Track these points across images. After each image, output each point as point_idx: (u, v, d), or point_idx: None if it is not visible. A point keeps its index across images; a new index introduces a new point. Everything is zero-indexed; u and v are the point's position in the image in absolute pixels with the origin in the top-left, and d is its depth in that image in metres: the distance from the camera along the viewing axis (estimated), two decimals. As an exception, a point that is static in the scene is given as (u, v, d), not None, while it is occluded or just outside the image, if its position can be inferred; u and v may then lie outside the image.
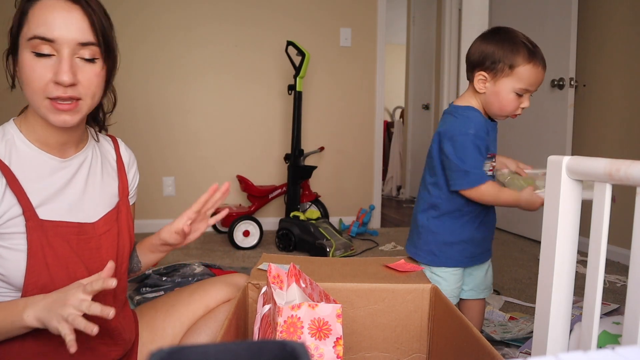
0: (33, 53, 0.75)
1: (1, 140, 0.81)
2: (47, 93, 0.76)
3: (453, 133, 1.21)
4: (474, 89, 1.25)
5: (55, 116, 0.78)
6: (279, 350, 0.28)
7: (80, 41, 0.77)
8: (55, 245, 0.81)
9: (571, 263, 0.70)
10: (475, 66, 1.23)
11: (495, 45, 1.19)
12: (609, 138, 2.59)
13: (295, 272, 0.85)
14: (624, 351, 0.31)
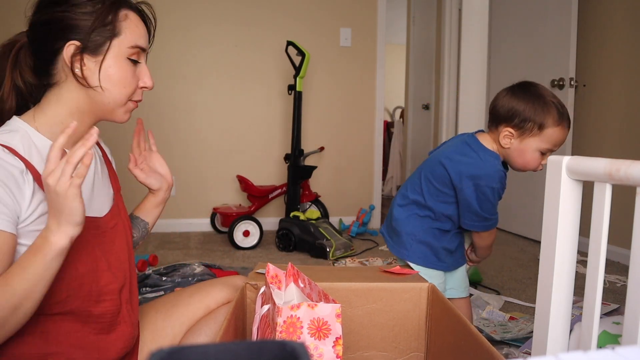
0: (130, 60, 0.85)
1: (14, 136, 0.79)
2: (134, 96, 0.88)
3: (479, 181, 1.23)
4: (495, 139, 1.27)
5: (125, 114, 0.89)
6: (279, 350, 0.28)
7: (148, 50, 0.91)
8: (80, 240, 0.81)
9: (571, 263, 0.70)
10: (503, 121, 1.23)
11: (526, 104, 1.20)
12: (609, 138, 2.59)
13: (293, 272, 0.85)
14: (624, 351, 0.31)
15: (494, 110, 1.27)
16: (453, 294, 1.37)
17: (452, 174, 1.26)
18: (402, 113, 5.39)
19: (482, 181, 1.22)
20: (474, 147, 1.28)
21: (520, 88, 1.24)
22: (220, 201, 3.12)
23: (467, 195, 1.24)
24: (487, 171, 1.23)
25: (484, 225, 1.27)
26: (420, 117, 4.67)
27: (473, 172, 1.24)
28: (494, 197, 1.24)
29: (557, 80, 2.74)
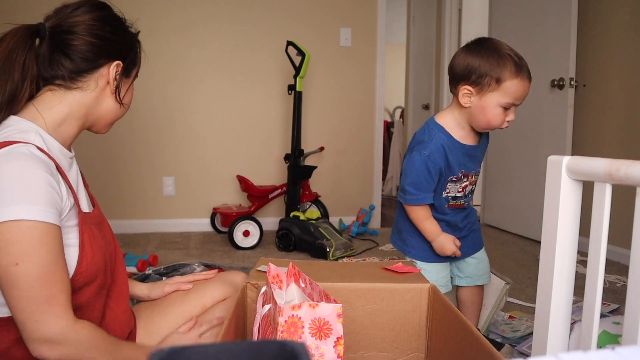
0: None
1: (27, 135, 0.79)
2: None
3: (414, 147, 1.23)
4: (457, 102, 1.23)
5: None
6: (279, 350, 0.28)
7: None
8: (94, 235, 0.84)
9: (571, 263, 0.70)
10: (460, 80, 1.20)
11: (481, 59, 1.16)
12: (609, 138, 2.59)
13: (294, 272, 0.85)
14: (624, 351, 0.31)
15: (451, 71, 1.22)
16: (468, 282, 1.36)
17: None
18: (402, 113, 5.39)
19: (417, 147, 1.23)
20: (427, 122, 1.28)
21: (475, 44, 1.20)
22: (220, 201, 3.12)
23: (404, 165, 1.25)
24: (423, 138, 1.23)
25: (402, 197, 1.25)
26: (420, 117, 4.67)
27: (412, 144, 1.26)
28: (422, 167, 1.20)
29: (557, 80, 2.74)
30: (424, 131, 1.26)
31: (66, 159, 0.86)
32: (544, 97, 2.86)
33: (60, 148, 0.85)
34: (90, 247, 0.82)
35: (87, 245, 0.82)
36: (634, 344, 0.43)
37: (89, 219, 0.85)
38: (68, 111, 0.86)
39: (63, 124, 0.86)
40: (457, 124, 1.25)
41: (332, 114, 3.29)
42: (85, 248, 0.81)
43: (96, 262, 0.84)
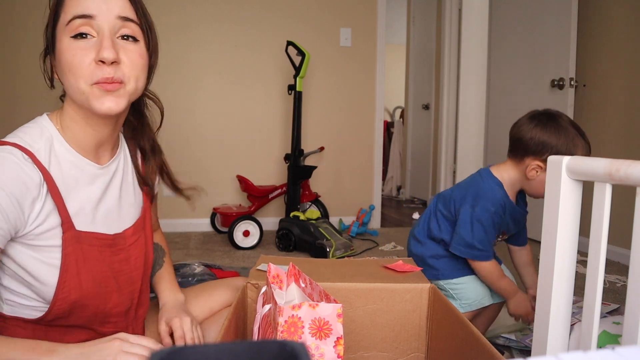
0: (72, 38, 0.71)
1: (40, 138, 0.75)
2: (91, 77, 0.71)
3: (477, 202, 1.23)
4: (516, 167, 1.26)
5: (100, 101, 0.72)
6: (279, 350, 0.28)
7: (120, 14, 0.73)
8: (90, 259, 0.78)
9: (571, 263, 0.70)
10: (531, 154, 1.22)
11: (558, 138, 1.18)
12: (609, 138, 2.59)
13: (294, 271, 0.85)
14: (624, 351, 0.31)
15: (519, 142, 1.24)
16: (497, 299, 1.37)
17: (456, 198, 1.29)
18: (402, 113, 5.39)
19: (480, 202, 1.23)
20: (482, 174, 1.30)
21: (547, 118, 1.22)
22: (220, 201, 3.12)
23: (462, 215, 1.25)
24: (486, 193, 1.24)
25: (471, 253, 1.25)
26: (420, 117, 4.67)
27: (473, 194, 1.25)
28: (489, 224, 1.22)
29: (557, 80, 2.74)
30: (481, 183, 1.27)
31: (81, 171, 0.79)
32: (544, 97, 2.86)
33: (75, 159, 0.78)
34: (76, 273, 0.75)
35: (71, 269, 0.75)
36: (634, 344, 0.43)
37: (86, 240, 0.77)
38: (69, 111, 0.79)
39: (70, 129, 0.78)
40: (512, 186, 1.28)
41: (332, 114, 3.29)
42: (68, 271, 0.74)
43: (85, 289, 0.76)
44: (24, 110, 2.82)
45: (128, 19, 0.74)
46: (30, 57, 2.81)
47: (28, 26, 2.81)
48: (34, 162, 0.71)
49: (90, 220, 0.80)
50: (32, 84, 2.79)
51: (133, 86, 0.76)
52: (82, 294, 0.76)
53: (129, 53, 0.75)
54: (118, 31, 0.74)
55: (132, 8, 0.75)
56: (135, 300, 0.89)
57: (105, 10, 0.72)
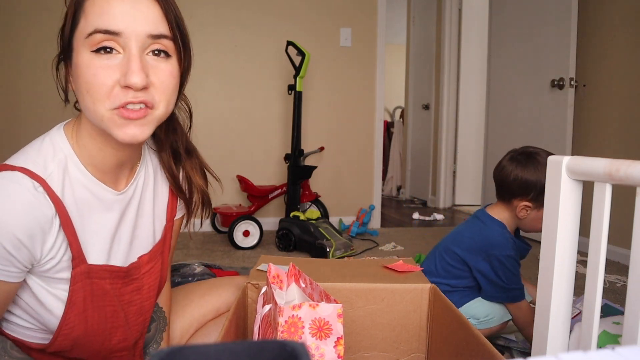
0: (93, 52, 0.61)
1: (52, 161, 0.66)
2: (113, 101, 0.61)
3: (492, 251, 1.24)
4: (507, 208, 1.29)
5: (123, 130, 0.63)
6: (279, 350, 0.28)
7: (152, 33, 0.62)
8: (99, 294, 0.71)
9: (571, 263, 0.70)
10: (517, 195, 1.25)
11: (537, 176, 1.21)
12: (609, 138, 2.59)
13: (295, 272, 0.85)
14: (624, 351, 0.31)
15: (504, 184, 1.28)
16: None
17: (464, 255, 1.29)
18: (402, 113, 5.39)
19: (495, 250, 1.23)
20: (484, 220, 1.31)
21: (527, 158, 1.25)
22: (220, 201, 3.12)
23: (483, 269, 1.25)
24: (497, 240, 1.25)
25: (507, 297, 1.26)
26: (420, 117, 4.67)
27: (484, 245, 1.26)
28: (513, 266, 1.24)
29: (557, 80, 2.74)
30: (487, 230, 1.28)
31: (96, 198, 0.71)
32: (544, 97, 2.86)
33: (91, 184, 0.70)
34: (83, 309, 0.69)
35: (78, 305, 0.69)
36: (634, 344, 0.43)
37: (97, 273, 0.71)
38: (78, 128, 0.69)
39: (86, 148, 0.69)
40: (509, 225, 1.31)
41: (332, 114, 3.29)
42: (74, 307, 0.68)
43: (90, 326, 0.71)
44: (26, 110, 2.82)
45: (160, 36, 0.64)
46: (33, 57, 2.81)
47: (30, 25, 2.81)
48: (46, 191, 0.63)
49: (104, 252, 0.73)
50: (34, 83, 2.79)
51: (163, 111, 0.67)
52: (86, 330, 0.71)
53: (160, 73, 0.64)
54: (147, 48, 0.64)
55: (165, 20, 0.64)
56: (144, 331, 0.84)
57: (134, 27, 0.61)
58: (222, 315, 1.02)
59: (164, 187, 0.85)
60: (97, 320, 0.72)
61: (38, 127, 0.81)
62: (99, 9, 0.61)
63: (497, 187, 1.32)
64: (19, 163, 0.64)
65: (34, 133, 0.73)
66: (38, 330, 0.72)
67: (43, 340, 0.73)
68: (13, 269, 0.62)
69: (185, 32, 0.69)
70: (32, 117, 2.81)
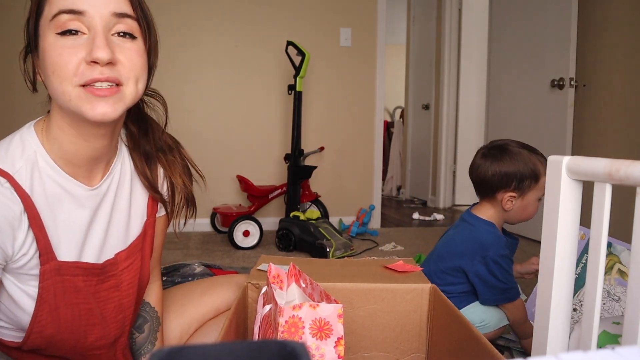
0: (58, 35, 0.61)
1: (20, 158, 0.66)
2: (80, 78, 0.62)
3: (487, 253, 1.24)
4: (492, 205, 1.31)
5: (92, 106, 0.62)
6: (279, 350, 0.28)
7: (115, 11, 0.64)
8: (71, 291, 0.70)
9: (571, 263, 0.70)
10: (499, 188, 1.27)
11: (516, 165, 1.24)
12: (609, 138, 2.59)
13: (295, 272, 0.85)
14: (624, 351, 0.31)
15: (484, 182, 1.29)
16: None
17: (458, 262, 1.29)
18: (402, 113, 5.39)
19: (490, 251, 1.24)
20: (471, 222, 1.32)
21: (500, 151, 1.27)
22: (220, 201, 3.12)
23: (480, 272, 1.25)
24: (489, 240, 1.26)
25: (505, 297, 1.26)
26: (420, 117, 4.67)
27: (476, 247, 1.26)
28: (508, 265, 1.25)
29: (557, 80, 2.74)
30: (477, 232, 1.29)
31: (68, 194, 0.70)
32: (544, 97, 2.86)
33: (62, 179, 0.69)
34: (54, 307, 0.68)
35: (48, 303, 0.68)
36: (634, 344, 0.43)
37: (69, 270, 0.70)
38: (48, 122, 0.69)
39: (58, 142, 0.68)
40: (497, 222, 1.33)
41: (332, 114, 3.29)
42: (44, 305, 0.68)
43: (63, 324, 0.70)
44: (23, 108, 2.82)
45: (125, 15, 0.65)
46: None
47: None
48: (14, 187, 0.64)
49: (76, 249, 0.72)
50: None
51: (133, 89, 0.66)
52: (59, 329, 0.70)
53: (127, 52, 0.65)
54: (112, 27, 0.64)
55: (128, 1, 0.66)
56: (127, 327, 0.82)
57: (97, 5, 0.62)
58: (222, 315, 1.01)
59: (139, 185, 0.84)
60: (71, 318, 0.71)
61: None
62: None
63: (477, 186, 1.33)
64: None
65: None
66: (12, 329, 0.72)
67: (17, 339, 0.72)
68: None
69: (147, 13, 0.70)
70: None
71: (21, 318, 0.69)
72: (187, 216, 0.89)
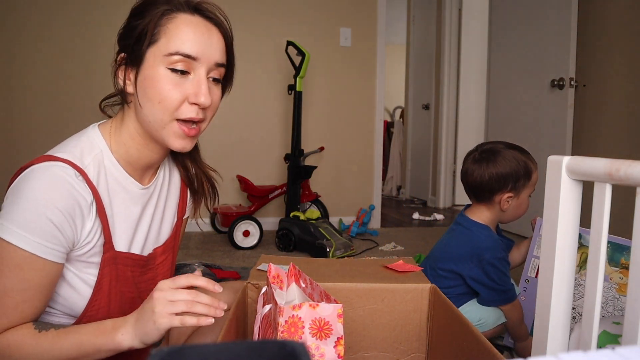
0: (169, 69, 0.72)
1: (89, 155, 0.74)
2: (179, 114, 0.73)
3: (483, 256, 1.25)
4: (487, 208, 1.32)
5: (179, 141, 0.75)
6: (279, 350, 0.28)
7: (218, 62, 0.76)
8: (122, 279, 0.79)
9: (571, 263, 0.70)
10: (496, 191, 1.29)
11: (509, 166, 1.26)
12: (609, 138, 2.59)
13: (295, 272, 0.85)
14: (624, 351, 0.31)
15: (480, 187, 1.30)
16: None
17: (454, 267, 1.29)
18: (402, 113, 5.39)
19: (487, 255, 1.24)
20: (467, 226, 1.32)
21: (491, 154, 1.29)
22: (221, 201, 3.11)
23: (476, 276, 1.25)
24: (486, 244, 1.26)
25: (504, 299, 1.27)
26: (420, 117, 4.67)
27: (473, 251, 1.26)
28: (505, 267, 1.25)
29: (557, 80, 2.74)
30: (473, 236, 1.30)
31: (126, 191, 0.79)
32: (543, 97, 2.86)
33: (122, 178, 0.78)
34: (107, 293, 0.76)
35: (104, 288, 0.76)
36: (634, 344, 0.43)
37: (122, 260, 0.79)
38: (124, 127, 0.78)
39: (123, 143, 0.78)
40: (492, 225, 1.35)
41: (332, 114, 3.29)
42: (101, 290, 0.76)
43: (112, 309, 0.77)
44: (22, 111, 2.82)
45: (222, 65, 0.77)
46: (29, 56, 2.81)
47: (27, 24, 2.81)
48: (85, 180, 0.72)
49: (128, 241, 0.80)
50: (30, 83, 2.79)
51: (206, 126, 0.79)
52: (109, 313, 0.77)
53: (214, 95, 0.77)
54: (210, 73, 0.76)
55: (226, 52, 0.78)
56: None
57: (207, 55, 0.74)
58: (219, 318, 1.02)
59: (176, 188, 0.93)
60: (119, 304, 0.78)
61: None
62: (184, 34, 0.72)
63: (473, 191, 1.34)
64: (61, 155, 0.72)
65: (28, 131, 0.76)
66: (63, 316, 0.77)
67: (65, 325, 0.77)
68: (60, 248, 0.69)
69: (234, 62, 0.81)
70: (26, 115, 2.81)
71: (75, 303, 0.75)
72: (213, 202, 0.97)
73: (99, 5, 2.86)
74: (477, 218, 1.33)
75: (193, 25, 0.73)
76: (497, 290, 1.25)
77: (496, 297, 1.26)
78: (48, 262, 0.68)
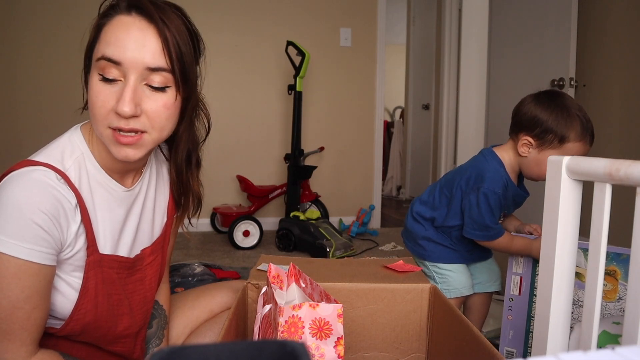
0: (99, 76, 0.68)
1: (70, 158, 0.73)
2: (109, 122, 0.68)
3: (482, 184, 1.21)
4: (513, 147, 1.24)
5: (117, 149, 0.70)
6: (279, 350, 0.28)
7: (150, 66, 0.68)
8: (108, 282, 0.78)
9: (571, 263, 0.70)
10: (523, 129, 1.20)
11: (550, 114, 1.15)
12: (609, 138, 2.58)
13: (295, 272, 0.85)
14: (624, 351, 0.31)
15: (516, 117, 1.23)
16: (479, 289, 1.39)
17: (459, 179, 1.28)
18: (402, 113, 5.39)
19: (485, 183, 1.21)
20: (485, 154, 1.29)
21: (547, 96, 1.19)
22: (220, 201, 3.12)
23: (471, 200, 1.23)
24: (489, 173, 1.22)
25: (484, 235, 1.24)
26: (420, 117, 4.67)
27: (476, 175, 1.24)
28: (496, 204, 1.21)
29: (557, 80, 2.74)
30: (484, 163, 1.25)
31: (108, 193, 0.77)
32: (544, 97, 2.86)
33: (104, 180, 0.76)
34: (94, 296, 0.75)
35: (90, 292, 0.75)
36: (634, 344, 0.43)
37: (107, 263, 0.77)
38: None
39: (99, 150, 0.75)
40: (511, 166, 1.26)
41: (332, 114, 3.29)
42: (87, 294, 0.75)
43: (99, 312, 0.76)
44: (24, 110, 2.82)
45: (158, 69, 0.69)
46: (32, 58, 2.81)
47: (29, 26, 2.81)
48: (67, 183, 0.70)
49: (113, 243, 0.79)
50: (32, 84, 2.79)
51: (156, 136, 0.72)
52: (96, 317, 0.76)
53: (153, 104, 0.69)
54: (146, 79, 0.69)
55: (164, 53, 0.69)
56: (148, 320, 0.89)
57: (134, 59, 0.67)
58: (217, 316, 1.03)
59: (165, 187, 0.91)
60: (106, 307, 0.77)
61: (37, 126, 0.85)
62: (112, 37, 0.67)
63: (511, 121, 1.27)
64: (41, 159, 0.70)
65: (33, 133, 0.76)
66: (50, 319, 0.76)
67: (54, 326, 0.77)
68: (51, 251, 0.68)
69: (186, 65, 0.72)
70: (31, 116, 2.81)
71: (64, 307, 0.74)
72: (195, 215, 0.96)
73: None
74: (499, 153, 1.27)
75: (124, 27, 0.67)
76: (479, 224, 1.22)
77: (478, 231, 1.23)
78: (43, 266, 0.67)
